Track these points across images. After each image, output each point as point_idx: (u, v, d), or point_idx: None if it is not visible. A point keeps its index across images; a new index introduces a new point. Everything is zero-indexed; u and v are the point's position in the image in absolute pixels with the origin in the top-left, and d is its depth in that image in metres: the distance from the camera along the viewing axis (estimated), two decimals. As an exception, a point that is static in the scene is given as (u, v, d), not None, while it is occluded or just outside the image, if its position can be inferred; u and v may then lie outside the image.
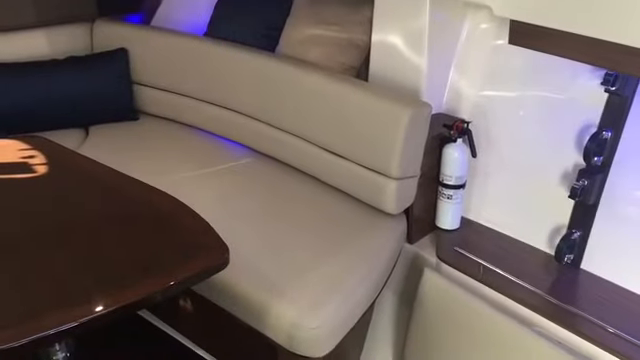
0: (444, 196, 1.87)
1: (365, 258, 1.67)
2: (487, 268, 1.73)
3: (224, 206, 1.81)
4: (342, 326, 1.56)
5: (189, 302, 1.94)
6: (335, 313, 1.51)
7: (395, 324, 1.99)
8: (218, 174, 1.99)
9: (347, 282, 1.58)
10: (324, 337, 1.50)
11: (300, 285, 1.54)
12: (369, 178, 1.79)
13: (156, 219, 1.47)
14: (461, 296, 1.67)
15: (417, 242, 1.93)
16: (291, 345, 1.50)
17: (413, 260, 1.90)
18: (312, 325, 1.47)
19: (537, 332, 1.56)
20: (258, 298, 1.52)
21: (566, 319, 1.59)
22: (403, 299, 1.95)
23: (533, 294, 1.65)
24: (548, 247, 1.79)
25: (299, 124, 1.93)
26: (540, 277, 1.72)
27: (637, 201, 1.60)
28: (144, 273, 1.28)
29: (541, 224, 1.79)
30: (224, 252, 1.34)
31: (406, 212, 1.87)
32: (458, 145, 1.81)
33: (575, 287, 1.71)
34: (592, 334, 1.53)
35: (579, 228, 1.69)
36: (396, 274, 1.90)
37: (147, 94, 2.32)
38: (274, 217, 1.79)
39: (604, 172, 1.60)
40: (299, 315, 1.47)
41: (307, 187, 1.94)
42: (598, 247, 1.69)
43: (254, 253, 1.63)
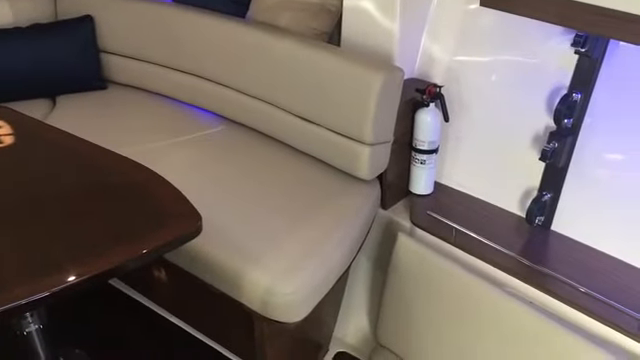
0: (417, 161, 1.87)
1: (339, 224, 1.67)
2: (460, 231, 1.75)
3: (196, 174, 1.80)
4: (317, 292, 1.56)
5: (163, 271, 1.93)
6: (309, 279, 1.52)
7: (370, 289, 2.01)
8: (189, 143, 1.97)
9: (321, 248, 1.58)
10: (299, 303, 1.51)
11: (274, 251, 1.54)
12: (342, 144, 1.78)
13: (127, 188, 1.45)
14: (435, 260, 1.69)
15: (391, 208, 1.94)
16: (266, 311, 1.50)
17: (387, 225, 1.92)
18: (286, 291, 1.47)
19: (509, 293, 1.59)
20: (232, 265, 1.52)
21: (538, 279, 1.62)
22: (378, 264, 1.97)
23: (505, 256, 1.68)
24: (519, 210, 1.81)
25: (270, 91, 1.91)
26: (512, 239, 1.74)
27: (606, 163, 1.62)
28: (116, 242, 1.26)
29: (513, 187, 1.81)
30: (196, 220, 1.33)
31: (380, 178, 1.88)
32: (431, 110, 1.81)
33: (546, 248, 1.74)
34: (563, 293, 1.56)
35: (549, 190, 1.71)
36: (370, 240, 1.91)
37: (114, 62, 2.26)
38: (247, 185, 1.78)
39: (574, 134, 1.62)
40: (273, 281, 1.47)
41: (280, 154, 1.92)
42: (568, 209, 1.72)
43: (227, 221, 1.62)
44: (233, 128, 2.06)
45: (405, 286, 1.75)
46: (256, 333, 1.60)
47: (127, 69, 2.25)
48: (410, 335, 1.77)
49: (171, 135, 1.99)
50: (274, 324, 1.53)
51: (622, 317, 1.47)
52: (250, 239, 1.57)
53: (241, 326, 1.66)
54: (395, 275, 1.76)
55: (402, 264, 1.74)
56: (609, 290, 1.54)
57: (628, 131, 1.55)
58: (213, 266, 1.54)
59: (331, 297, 1.74)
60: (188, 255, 1.58)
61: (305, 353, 1.87)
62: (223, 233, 1.58)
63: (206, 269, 1.56)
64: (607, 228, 1.67)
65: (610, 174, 1.62)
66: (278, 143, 1.96)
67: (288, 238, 1.59)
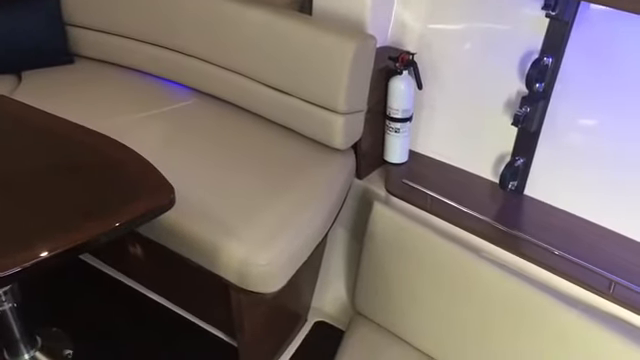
0: (391, 130, 1.87)
1: (314, 194, 1.67)
2: (435, 198, 1.76)
3: (169, 148, 1.77)
4: (293, 262, 1.57)
5: (138, 247, 1.92)
6: (285, 249, 1.51)
7: (347, 258, 2.02)
8: (161, 116, 1.94)
9: (297, 218, 1.58)
10: (275, 273, 1.51)
11: (249, 223, 1.53)
12: (316, 114, 1.76)
13: (98, 163, 1.43)
14: (410, 227, 1.70)
15: (366, 177, 1.94)
16: (243, 282, 1.50)
17: (363, 195, 1.92)
18: (263, 262, 1.47)
19: (485, 257, 1.61)
20: (207, 237, 1.51)
21: (512, 244, 1.64)
22: (354, 234, 1.98)
23: (479, 221, 1.69)
24: (493, 175, 1.83)
25: (242, 62, 1.88)
26: (486, 205, 1.76)
27: (577, 127, 1.63)
28: (88, 216, 1.24)
29: (486, 153, 1.82)
30: (169, 192, 1.31)
31: (354, 147, 1.87)
32: (404, 77, 1.80)
33: (520, 213, 1.76)
34: (538, 257, 1.59)
35: (522, 155, 1.72)
36: (346, 209, 1.92)
37: (82, 36, 2.20)
38: (221, 157, 1.76)
39: (546, 99, 1.63)
40: (249, 252, 1.47)
41: (254, 126, 1.90)
42: (540, 173, 1.74)
43: (202, 193, 1.61)
44: (205, 101, 2.03)
45: (381, 254, 1.76)
46: (233, 305, 1.60)
47: (95, 42, 2.20)
48: (387, 302, 1.79)
49: (142, 109, 1.95)
50: (251, 295, 1.53)
51: (594, 277, 1.51)
52: (225, 211, 1.56)
53: (218, 298, 1.66)
54: (371, 243, 1.77)
55: (378, 232, 1.74)
56: (581, 251, 1.57)
57: (598, 96, 1.56)
58: (188, 239, 1.53)
59: (308, 267, 1.75)
60: (163, 229, 1.56)
61: (283, 323, 1.88)
62: (198, 206, 1.56)
63: (181, 242, 1.55)
64: (578, 191, 1.69)
65: (581, 138, 1.63)
66: (251, 115, 1.94)
67: (263, 209, 1.58)
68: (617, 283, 1.47)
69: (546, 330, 1.49)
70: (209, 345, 1.92)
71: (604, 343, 1.41)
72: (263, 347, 1.79)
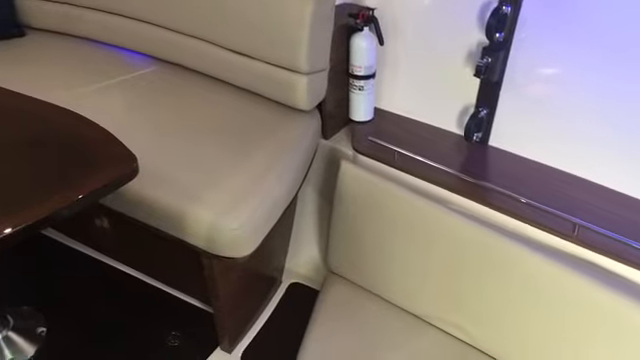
0: (355, 88, 1.86)
1: (281, 156, 1.66)
2: (401, 154, 1.76)
3: (130, 117, 1.73)
4: (263, 225, 1.56)
5: (106, 220, 1.90)
6: (254, 212, 1.51)
7: (318, 218, 2.03)
8: (120, 86, 1.89)
9: (264, 181, 1.57)
10: (246, 237, 1.50)
11: (216, 188, 1.52)
12: (278, 75, 1.74)
13: (57, 136, 1.39)
14: (378, 183, 1.70)
15: (333, 137, 1.94)
16: (214, 248, 1.50)
17: (330, 154, 1.92)
18: (232, 226, 1.46)
19: (453, 209, 1.63)
20: (174, 206, 1.49)
21: (479, 194, 1.66)
22: (324, 194, 1.98)
23: (447, 174, 1.71)
24: (458, 128, 1.84)
25: (200, 25, 1.83)
26: (452, 157, 1.77)
27: (538, 76, 1.64)
28: (49, 190, 1.22)
29: (450, 106, 1.83)
30: (132, 162, 1.29)
31: (319, 107, 1.86)
32: (365, 34, 1.78)
33: (485, 163, 1.78)
34: (506, 206, 1.61)
35: (485, 106, 1.73)
36: (315, 170, 1.91)
37: (31, 6, 2.12)
38: (184, 124, 1.73)
39: (506, 48, 1.63)
40: (218, 217, 1.46)
41: (216, 91, 1.87)
42: (504, 123, 1.75)
43: (166, 161, 1.58)
44: (165, 68, 1.99)
45: (351, 212, 1.77)
46: (206, 271, 1.60)
47: (46, 13, 2.12)
48: (360, 259, 1.81)
49: (99, 79, 1.90)
50: (223, 260, 1.53)
51: (558, 221, 1.54)
52: (190, 178, 1.54)
53: (191, 266, 1.66)
54: (340, 202, 1.77)
55: (346, 190, 1.75)
56: (545, 197, 1.59)
57: (558, 44, 1.57)
58: (155, 208, 1.51)
59: (279, 229, 1.75)
60: (129, 200, 1.54)
61: (258, 287, 1.89)
62: (162, 174, 1.54)
63: (148, 212, 1.53)
64: (541, 139, 1.71)
65: (542, 87, 1.65)
66: (213, 80, 1.91)
67: (230, 174, 1.57)
68: (580, 226, 1.50)
69: (514, 275, 1.52)
70: (185, 313, 1.92)
71: (569, 284, 1.44)
72: (239, 311, 1.79)
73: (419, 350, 1.67)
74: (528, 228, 1.58)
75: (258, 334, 1.86)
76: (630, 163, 1.58)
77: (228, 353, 1.79)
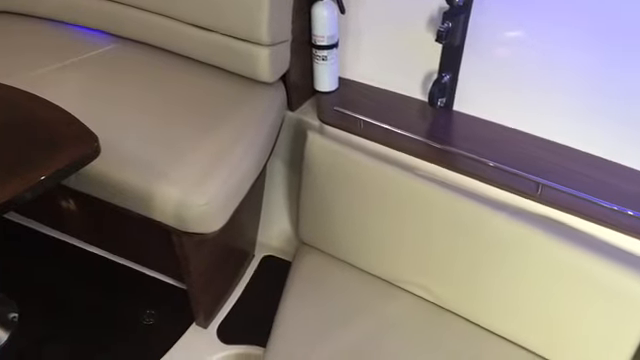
0: (318, 58, 1.85)
1: (246, 130, 1.65)
2: (368, 123, 1.77)
3: (90, 97, 1.70)
4: (232, 199, 1.56)
5: (72, 202, 1.87)
6: (222, 187, 1.50)
7: (288, 191, 2.04)
8: (79, 65, 1.84)
9: (231, 155, 1.56)
10: (215, 212, 1.50)
11: (182, 164, 1.51)
12: (240, 48, 1.72)
13: (15, 118, 1.36)
14: (346, 153, 1.71)
15: (298, 108, 1.93)
16: (182, 225, 1.49)
17: (296, 126, 1.91)
18: (200, 202, 1.46)
19: (421, 176, 1.65)
20: (140, 184, 1.47)
21: (445, 159, 1.68)
22: (293, 166, 1.98)
23: (413, 141, 1.72)
24: (422, 94, 1.85)
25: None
26: (417, 124, 1.79)
27: (499, 39, 1.65)
28: (10, 173, 1.19)
29: (413, 72, 1.83)
30: (93, 141, 1.27)
31: (283, 80, 1.85)
32: (325, 3, 1.76)
33: (451, 128, 1.79)
34: (474, 170, 1.63)
35: (448, 71, 1.74)
36: (282, 142, 1.91)
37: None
38: (145, 101, 1.71)
39: (466, 12, 1.63)
40: (185, 194, 1.45)
41: (177, 67, 1.84)
42: (467, 87, 1.76)
43: (128, 139, 1.56)
44: (126, 45, 1.94)
45: (320, 182, 1.77)
46: (176, 248, 1.60)
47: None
48: (330, 229, 1.82)
49: (57, 59, 1.85)
50: (193, 237, 1.53)
51: (522, 182, 1.57)
52: (155, 155, 1.53)
53: (161, 244, 1.65)
54: (308, 173, 1.78)
55: (314, 161, 1.75)
56: (509, 158, 1.62)
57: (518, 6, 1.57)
58: (120, 187, 1.49)
59: (249, 203, 1.75)
60: (93, 180, 1.52)
61: (231, 261, 1.90)
62: (126, 152, 1.52)
63: (113, 192, 1.51)
64: (504, 102, 1.72)
65: (503, 50, 1.65)
66: (174, 55, 1.87)
67: (195, 149, 1.55)
68: (544, 185, 1.53)
69: (480, 236, 1.55)
70: (159, 292, 1.92)
71: (533, 242, 1.48)
72: (213, 287, 1.80)
73: (390, 313, 1.70)
74: (494, 190, 1.60)
75: (233, 308, 1.87)
76: (592, 123, 1.61)
77: (204, 328, 1.80)
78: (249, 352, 1.76)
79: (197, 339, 1.78)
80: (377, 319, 1.69)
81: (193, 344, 1.77)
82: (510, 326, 1.62)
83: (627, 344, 1.45)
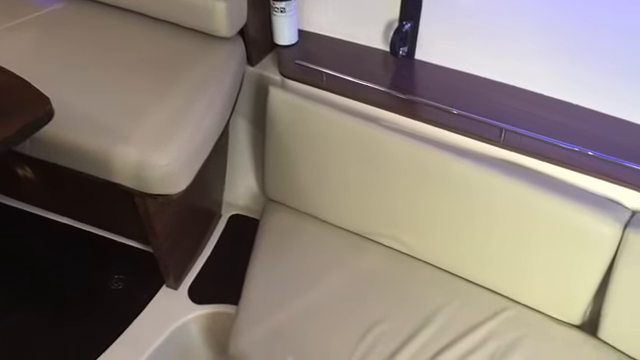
0: (277, 10, 1.80)
1: (205, 87, 1.60)
2: (330, 75, 1.74)
3: (41, 58, 1.63)
4: (195, 159, 1.53)
5: (29, 170, 1.82)
6: (184, 146, 1.47)
7: (253, 148, 2.01)
8: (27, 26, 1.75)
9: (191, 114, 1.52)
10: (178, 172, 1.47)
11: (142, 125, 1.46)
12: (196, 2, 1.65)
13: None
14: (309, 107, 1.69)
15: (259, 63, 1.88)
16: (145, 187, 1.46)
17: (258, 82, 1.87)
18: (162, 162, 1.42)
19: (385, 126, 1.64)
20: (97, 146, 1.43)
21: (409, 108, 1.67)
22: (256, 122, 1.95)
23: (376, 91, 1.70)
24: (383, 44, 1.82)
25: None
26: (380, 74, 1.77)
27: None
28: (-43, 143, 1.15)
29: (374, 22, 1.80)
30: (45, 104, 1.22)
31: (242, 34, 1.80)
32: (281, -48, 1.71)
33: (413, 77, 1.78)
34: (438, 118, 1.63)
35: (409, 19, 1.71)
36: (244, 99, 1.87)
37: None
38: (100, 61, 1.64)
39: (425, -43, 1.61)
40: (146, 155, 1.41)
41: (131, 25, 1.77)
42: (428, 35, 1.74)
43: (83, 101, 1.50)
44: (76, 4, 1.85)
45: (284, 138, 1.75)
46: (140, 211, 1.56)
47: None
48: (297, 184, 1.81)
49: (8, 19, 1.76)
50: (157, 198, 1.50)
51: (486, 128, 1.57)
52: (112, 116, 1.48)
53: (125, 207, 1.62)
54: (272, 129, 1.75)
55: (277, 117, 1.72)
56: (472, 105, 1.62)
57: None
58: (77, 151, 1.44)
59: (213, 162, 1.72)
60: (49, 145, 1.47)
61: (197, 222, 1.88)
62: (80, 114, 1.47)
63: (71, 156, 1.47)
64: (465, 49, 1.71)
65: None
66: (127, 13, 1.80)
67: (154, 109, 1.51)
68: (507, 130, 1.54)
69: (446, 183, 1.56)
70: (127, 256, 1.89)
71: (497, 186, 1.50)
72: (180, 248, 1.78)
73: (361, 265, 1.71)
74: (458, 137, 1.61)
75: (203, 268, 1.86)
76: (550, 66, 1.61)
77: (174, 290, 1.79)
78: (221, 311, 1.76)
79: (168, 301, 1.77)
80: (349, 272, 1.70)
81: (164, 306, 1.76)
82: (479, 270, 1.65)
83: (591, 280, 1.50)
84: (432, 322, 1.57)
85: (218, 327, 1.77)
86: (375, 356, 1.51)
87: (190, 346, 1.81)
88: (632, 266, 1.42)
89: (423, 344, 1.53)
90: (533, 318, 1.60)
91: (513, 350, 1.52)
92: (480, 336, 1.55)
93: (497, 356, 1.51)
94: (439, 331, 1.56)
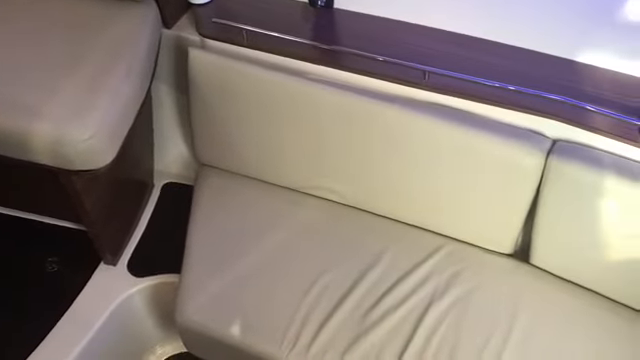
0: (187, -33, 1.73)
1: (120, 54, 1.53)
2: (250, 31, 1.69)
3: None
4: (118, 130, 1.48)
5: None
6: (105, 118, 1.41)
7: (179, 114, 1.96)
8: None
9: (107, 82, 1.45)
10: (101, 145, 1.42)
11: (56, 99, 1.39)
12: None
13: None
14: (231, 66, 1.65)
15: (175, 25, 1.81)
16: (68, 164, 1.40)
17: (176, 44, 1.81)
18: (83, 137, 1.36)
19: (310, 79, 1.62)
20: (10, 126, 1.35)
21: (335, 59, 1.66)
22: (179, 87, 1.89)
23: (298, 44, 1.68)
24: (302, -5, 1.79)
25: None
26: (301, 26, 1.74)
27: None
28: None
29: (289, -27, 1.77)
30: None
31: (153, -5, 1.72)
32: None
33: (335, 27, 1.76)
34: (363, 66, 1.63)
35: (324, -33, 1.69)
36: (163, 63, 1.80)
37: None
38: (3, 34, 1.54)
39: None
40: (64, 131, 1.35)
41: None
42: (345, -17, 1.73)
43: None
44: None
45: (210, 100, 1.71)
46: (68, 189, 1.50)
47: None
48: (228, 146, 1.78)
49: None
50: (82, 174, 1.44)
51: (410, 72, 1.58)
52: (22, 93, 1.40)
53: (51, 187, 1.55)
54: (196, 91, 1.70)
55: (200, 79, 1.68)
56: (395, 51, 1.62)
57: None
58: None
59: (138, 131, 1.67)
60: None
61: (129, 194, 1.83)
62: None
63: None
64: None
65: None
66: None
67: (67, 81, 1.43)
68: (429, 72, 1.56)
69: (374, 130, 1.58)
70: (59, 237, 1.84)
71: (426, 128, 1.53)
72: (114, 223, 1.74)
73: (300, 220, 1.72)
74: (383, 84, 1.61)
75: (140, 240, 1.83)
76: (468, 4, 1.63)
77: (113, 266, 1.76)
78: (165, 281, 1.74)
79: (107, 278, 1.74)
80: (288, 228, 1.70)
81: (104, 283, 1.72)
82: (414, 212, 1.69)
83: (519, 209, 1.56)
84: (373, 268, 1.61)
85: (163, 298, 1.75)
86: (322, 307, 1.54)
87: (136, 320, 1.79)
88: (556, 192, 1.49)
89: (367, 290, 1.57)
90: (468, 252, 1.66)
91: (453, 284, 1.58)
92: (421, 275, 1.60)
93: (438, 292, 1.56)
94: (381, 275, 1.60)
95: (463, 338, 1.49)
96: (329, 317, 1.52)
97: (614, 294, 1.55)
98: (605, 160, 1.45)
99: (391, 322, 1.51)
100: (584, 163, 1.44)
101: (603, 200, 1.43)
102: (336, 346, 1.48)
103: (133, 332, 1.81)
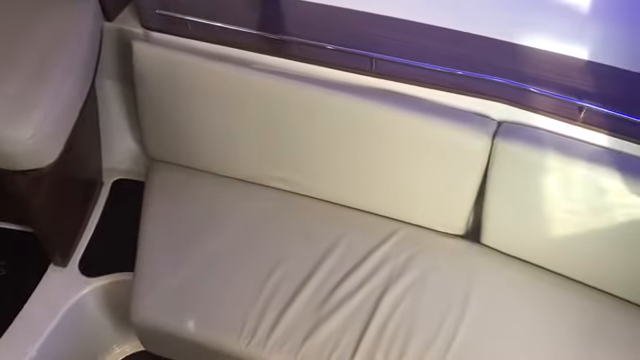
0: (127, -42, 1.69)
1: (60, 50, 1.48)
2: (195, 22, 1.67)
3: None
4: (61, 127, 1.44)
5: None
6: (47, 116, 1.37)
7: (126, 109, 1.92)
8: None
9: (47, 80, 1.41)
10: (44, 143, 1.38)
11: (-8, 98, 1.35)
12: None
13: None
14: (177, 58, 1.62)
15: (117, 17, 1.77)
16: (10, 163, 1.36)
17: (119, 38, 1.76)
18: (25, 136, 1.32)
19: (258, 69, 1.61)
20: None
21: (283, 49, 1.65)
22: (125, 82, 1.85)
23: (245, 34, 1.66)
24: (245, -16, 1.78)
25: None
26: (248, 16, 1.73)
27: None
28: None
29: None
30: None
31: (92, -13, 1.67)
32: None
33: (282, 16, 1.76)
34: (310, 55, 1.63)
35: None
36: (106, 58, 1.76)
37: None
38: None
39: None
40: (6, 131, 1.31)
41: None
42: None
43: None
44: None
45: (157, 94, 1.68)
46: (12, 190, 1.45)
47: None
48: (178, 140, 1.75)
49: None
50: (26, 174, 1.40)
51: (358, 59, 1.59)
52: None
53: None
54: (142, 85, 1.67)
55: (145, 72, 1.64)
56: (343, 39, 1.63)
57: None
58: None
59: (83, 128, 1.62)
60: None
61: (77, 193, 1.78)
62: None
63: None
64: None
65: None
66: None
67: (5, 80, 1.38)
68: (376, 59, 1.57)
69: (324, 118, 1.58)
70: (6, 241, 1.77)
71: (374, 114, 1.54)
72: (62, 223, 1.69)
73: (253, 211, 1.71)
74: (331, 72, 1.62)
75: (91, 240, 1.78)
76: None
77: (63, 267, 1.71)
78: (118, 279, 1.70)
79: (58, 280, 1.69)
80: (242, 219, 1.69)
81: (55, 286, 1.68)
82: (366, 198, 1.71)
83: (469, 191, 1.59)
84: (330, 255, 1.62)
85: (117, 297, 1.72)
86: (279, 297, 1.54)
87: (90, 321, 1.75)
88: (503, 173, 1.53)
89: (324, 277, 1.58)
90: (421, 235, 1.69)
91: (408, 267, 1.60)
92: (376, 260, 1.62)
93: (394, 275, 1.59)
94: (338, 262, 1.61)
95: (420, 319, 1.52)
96: (287, 307, 1.52)
97: (559, 268, 1.61)
98: (547, 139, 1.49)
99: (349, 308, 1.53)
100: (528, 143, 1.48)
101: (546, 178, 1.47)
102: (295, 335, 1.49)
103: (88, 333, 1.77)
